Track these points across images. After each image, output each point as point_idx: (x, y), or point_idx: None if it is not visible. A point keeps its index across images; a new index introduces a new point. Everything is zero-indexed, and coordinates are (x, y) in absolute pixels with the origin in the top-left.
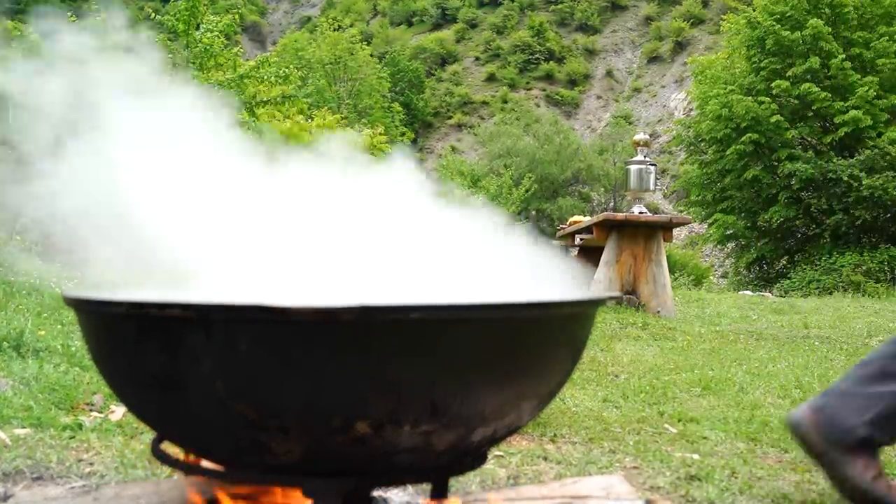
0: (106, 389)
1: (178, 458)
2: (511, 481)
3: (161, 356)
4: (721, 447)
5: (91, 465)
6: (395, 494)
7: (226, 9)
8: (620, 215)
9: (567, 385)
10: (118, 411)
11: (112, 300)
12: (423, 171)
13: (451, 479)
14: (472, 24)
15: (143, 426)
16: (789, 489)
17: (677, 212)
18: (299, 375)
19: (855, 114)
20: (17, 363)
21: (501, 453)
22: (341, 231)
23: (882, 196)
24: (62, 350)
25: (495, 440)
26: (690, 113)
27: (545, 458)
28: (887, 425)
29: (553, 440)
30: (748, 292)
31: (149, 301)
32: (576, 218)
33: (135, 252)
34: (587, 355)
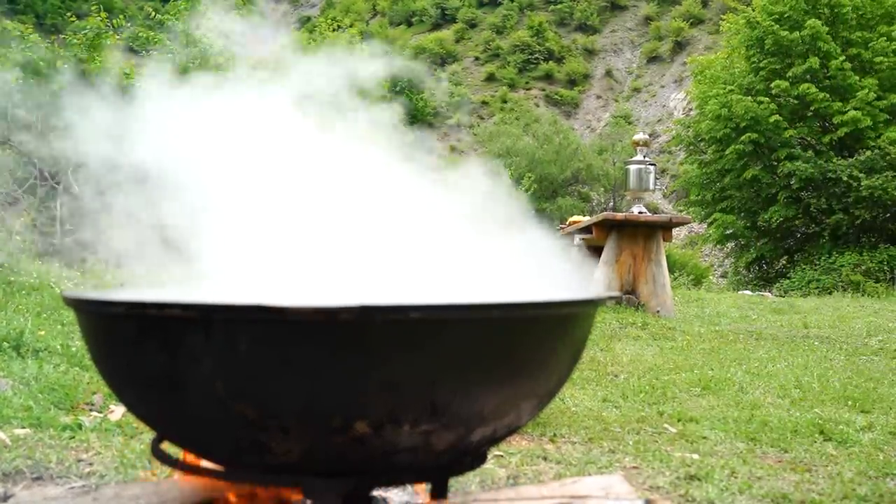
0: (105, 389)
1: (177, 458)
2: (511, 481)
3: (161, 356)
4: (721, 447)
5: (91, 465)
6: (394, 494)
7: (225, 10)
8: (620, 215)
9: (567, 385)
10: (118, 411)
11: (111, 300)
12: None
13: (450, 479)
14: (472, 24)
15: (142, 426)
16: (789, 489)
17: (677, 211)
18: (299, 375)
19: (854, 114)
20: (16, 363)
21: (501, 453)
22: (349, 227)
23: (882, 196)
24: (62, 350)
25: (495, 440)
26: (690, 113)
27: (545, 458)
28: None
29: (553, 440)
30: (748, 292)
31: (148, 301)
32: (575, 218)
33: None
34: (587, 355)
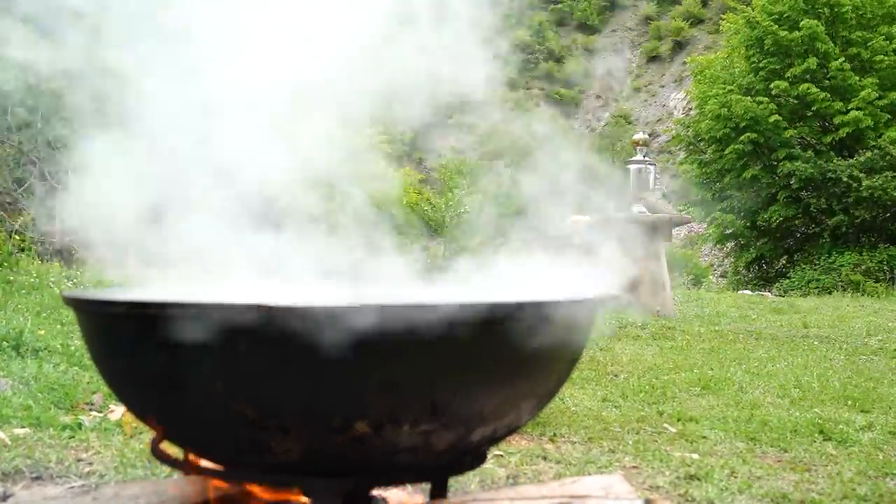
0: (105, 389)
1: (177, 458)
2: (510, 481)
3: (160, 356)
4: (720, 446)
5: (90, 464)
6: (394, 494)
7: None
8: (620, 214)
9: (566, 384)
10: (117, 411)
11: (112, 300)
12: (423, 170)
13: (450, 479)
14: None
15: (142, 426)
16: (788, 488)
17: (676, 211)
18: (299, 375)
19: (856, 114)
20: (16, 363)
21: (501, 453)
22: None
23: (882, 196)
24: (62, 350)
25: (495, 440)
26: (689, 112)
27: (544, 458)
28: None
29: (552, 440)
30: (747, 292)
31: (148, 301)
32: (575, 217)
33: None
34: (586, 355)
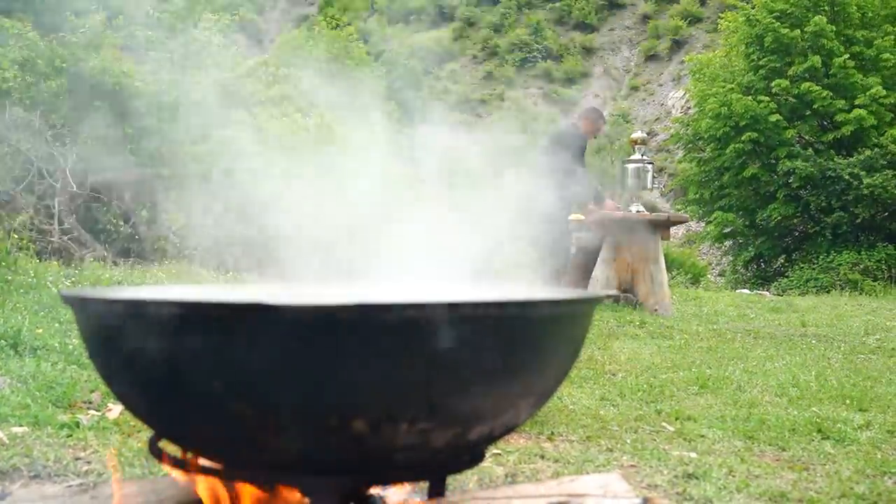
0: (103, 388)
1: (175, 457)
2: (508, 479)
3: (159, 354)
4: (718, 445)
5: (88, 463)
6: (392, 493)
7: (224, 7)
8: (619, 214)
9: (564, 383)
10: (115, 409)
11: (109, 298)
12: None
13: (448, 478)
14: (470, 22)
15: (140, 424)
16: (787, 487)
17: (675, 210)
18: (297, 374)
19: (859, 112)
20: (14, 361)
21: (499, 451)
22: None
23: (882, 194)
24: (60, 348)
25: (493, 438)
26: (688, 111)
27: (542, 457)
28: None
29: (550, 438)
30: (746, 291)
31: (146, 299)
32: (574, 216)
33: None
34: (585, 354)
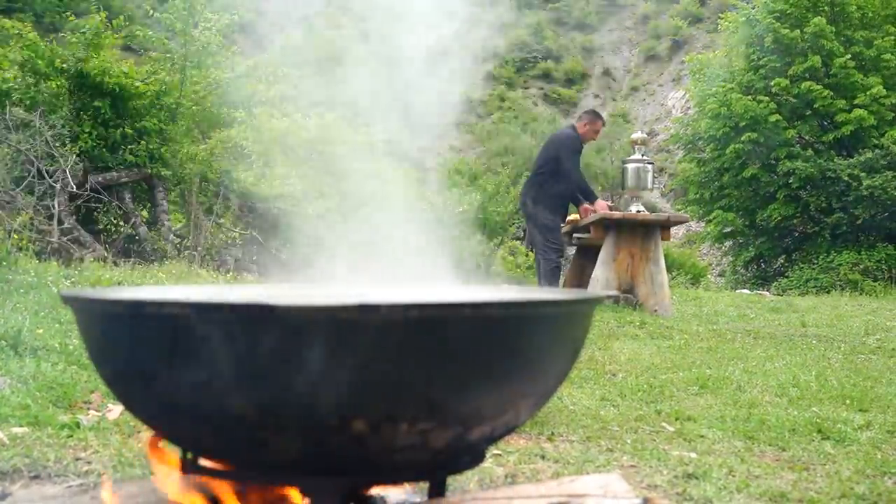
0: (104, 388)
1: (175, 457)
2: (509, 480)
3: (159, 355)
4: (718, 445)
5: (89, 463)
6: (392, 493)
7: (224, 7)
8: (618, 214)
9: (565, 384)
10: (116, 410)
11: (110, 298)
12: (421, 169)
13: (448, 478)
14: None
15: (140, 424)
16: (786, 487)
17: (675, 210)
18: (297, 374)
19: (860, 112)
20: (14, 362)
21: (499, 452)
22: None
23: (881, 195)
24: (60, 348)
25: (493, 439)
26: (688, 111)
27: (543, 457)
28: None
29: (551, 439)
30: (746, 291)
31: (146, 299)
32: (574, 216)
33: None
34: (585, 354)
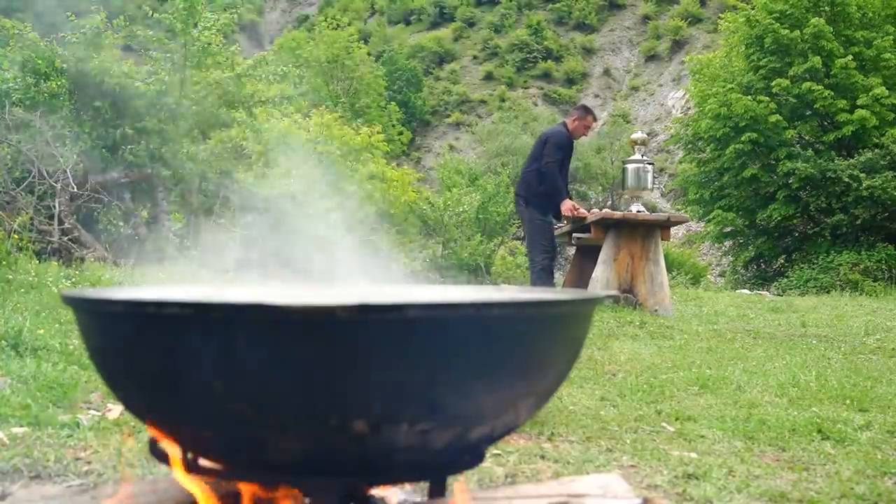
0: (104, 388)
1: (176, 457)
2: (509, 480)
3: (159, 355)
4: (718, 445)
5: (89, 463)
6: (392, 493)
7: (224, 7)
8: (618, 214)
9: (564, 384)
10: (116, 410)
11: (110, 299)
12: (421, 169)
13: (449, 478)
14: (470, 22)
15: (140, 424)
16: (787, 487)
17: (675, 210)
18: (297, 374)
19: (862, 113)
20: (15, 362)
21: (499, 452)
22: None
23: (881, 195)
24: (60, 348)
25: (493, 439)
26: (688, 111)
27: (543, 457)
28: None
29: (550, 439)
30: (746, 291)
31: (146, 299)
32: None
33: None
34: (585, 354)
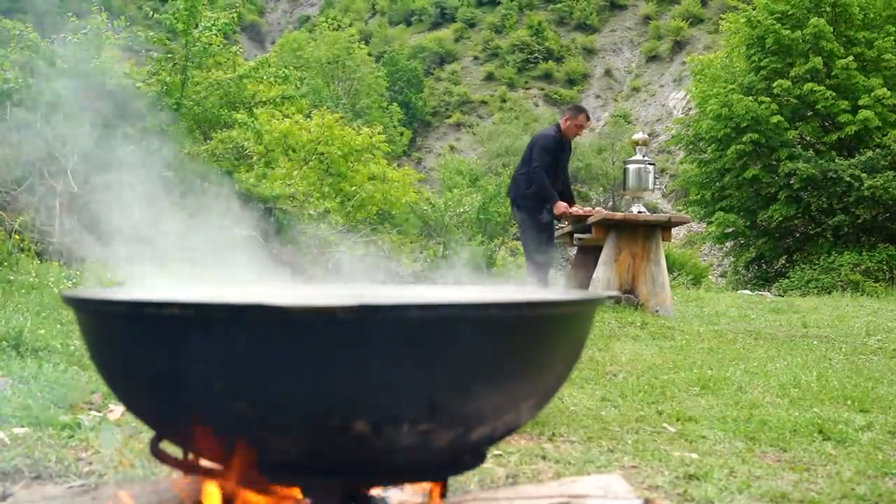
0: (105, 388)
1: (176, 457)
2: (510, 480)
3: (160, 355)
4: (719, 446)
5: (90, 464)
6: (393, 494)
7: (224, 7)
8: (619, 214)
9: (566, 384)
10: (117, 410)
11: (111, 299)
12: (422, 170)
13: (450, 479)
14: (471, 23)
15: (141, 425)
16: (788, 488)
17: (676, 211)
18: (298, 375)
19: (866, 114)
20: (16, 362)
21: (500, 452)
22: None
23: (882, 196)
24: (61, 349)
25: (494, 439)
26: (689, 112)
27: (544, 458)
28: None
29: (551, 439)
30: (747, 291)
31: (147, 300)
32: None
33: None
34: (586, 354)
